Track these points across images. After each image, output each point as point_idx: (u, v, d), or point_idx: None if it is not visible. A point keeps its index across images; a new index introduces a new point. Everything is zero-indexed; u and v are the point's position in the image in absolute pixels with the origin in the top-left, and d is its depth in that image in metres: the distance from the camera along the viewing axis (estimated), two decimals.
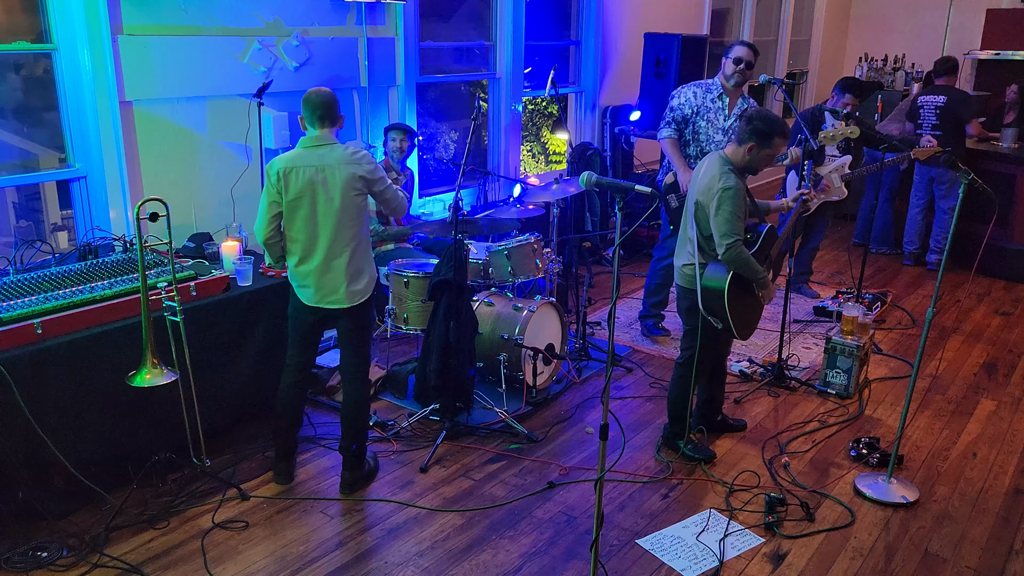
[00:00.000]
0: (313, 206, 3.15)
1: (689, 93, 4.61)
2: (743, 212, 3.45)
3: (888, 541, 3.23)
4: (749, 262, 3.44)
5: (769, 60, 9.86)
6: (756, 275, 3.51)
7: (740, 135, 3.49)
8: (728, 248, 3.38)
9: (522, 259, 4.39)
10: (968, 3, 9.66)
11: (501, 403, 4.09)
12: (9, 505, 2.98)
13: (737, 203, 3.39)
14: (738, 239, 3.40)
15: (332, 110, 3.18)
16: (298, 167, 3.13)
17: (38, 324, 2.99)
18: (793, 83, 6.00)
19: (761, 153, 3.46)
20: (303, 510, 3.33)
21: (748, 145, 3.45)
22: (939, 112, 6.34)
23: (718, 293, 3.46)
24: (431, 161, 6.55)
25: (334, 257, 3.22)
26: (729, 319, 3.46)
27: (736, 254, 3.39)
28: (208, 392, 3.44)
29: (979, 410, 4.35)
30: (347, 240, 3.22)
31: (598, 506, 2.55)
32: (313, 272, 3.23)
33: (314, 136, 3.18)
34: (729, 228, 3.38)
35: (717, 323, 3.50)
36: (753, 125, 3.45)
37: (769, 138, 3.44)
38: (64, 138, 3.89)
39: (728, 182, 3.39)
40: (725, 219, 3.38)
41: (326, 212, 3.16)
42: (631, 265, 6.60)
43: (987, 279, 6.54)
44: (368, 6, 4.82)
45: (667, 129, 4.61)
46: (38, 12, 3.71)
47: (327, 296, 3.26)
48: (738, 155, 3.49)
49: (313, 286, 3.26)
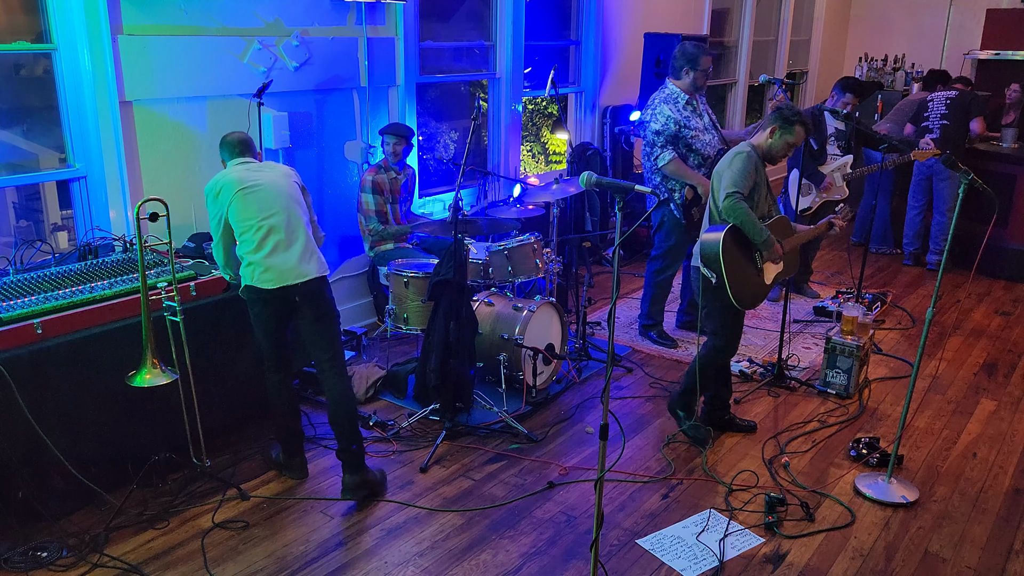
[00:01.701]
0: (258, 193, 3.25)
1: (666, 111, 4.57)
2: (751, 177, 3.56)
3: (888, 541, 3.23)
4: (748, 215, 3.51)
5: (769, 60, 9.86)
6: (757, 234, 3.56)
7: (766, 120, 3.68)
8: (728, 197, 3.49)
9: (522, 259, 4.39)
10: (968, 3, 9.66)
11: (501, 403, 4.09)
12: (9, 505, 2.98)
13: (747, 165, 3.53)
14: (739, 192, 3.49)
15: (249, 144, 3.42)
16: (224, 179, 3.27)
17: (38, 324, 2.99)
18: (793, 83, 6.01)
19: (781, 139, 3.63)
20: (303, 510, 3.33)
21: (771, 127, 3.62)
22: (948, 103, 6.35)
23: (714, 243, 3.52)
24: (431, 161, 6.55)
25: (293, 234, 3.28)
26: (723, 273, 3.49)
27: (734, 204, 3.49)
28: (208, 392, 3.43)
29: (979, 410, 4.35)
30: (302, 223, 3.33)
31: (598, 506, 2.55)
32: (276, 249, 3.24)
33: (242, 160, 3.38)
34: (731, 182, 3.52)
35: (712, 276, 3.54)
36: (779, 111, 3.65)
37: (791, 124, 3.62)
38: (64, 138, 3.89)
39: (744, 149, 3.61)
40: (731, 177, 3.52)
41: (273, 196, 3.26)
42: (631, 265, 6.60)
43: (987, 279, 6.54)
44: (368, 6, 4.82)
45: (666, 152, 4.55)
46: (38, 12, 3.70)
47: (292, 271, 3.25)
48: (761, 139, 3.68)
49: (276, 267, 3.24)
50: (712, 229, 3.60)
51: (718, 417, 4.00)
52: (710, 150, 4.65)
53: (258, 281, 3.27)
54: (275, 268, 3.25)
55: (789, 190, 5.59)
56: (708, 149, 4.64)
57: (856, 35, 10.89)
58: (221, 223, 3.28)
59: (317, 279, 3.32)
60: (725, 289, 3.53)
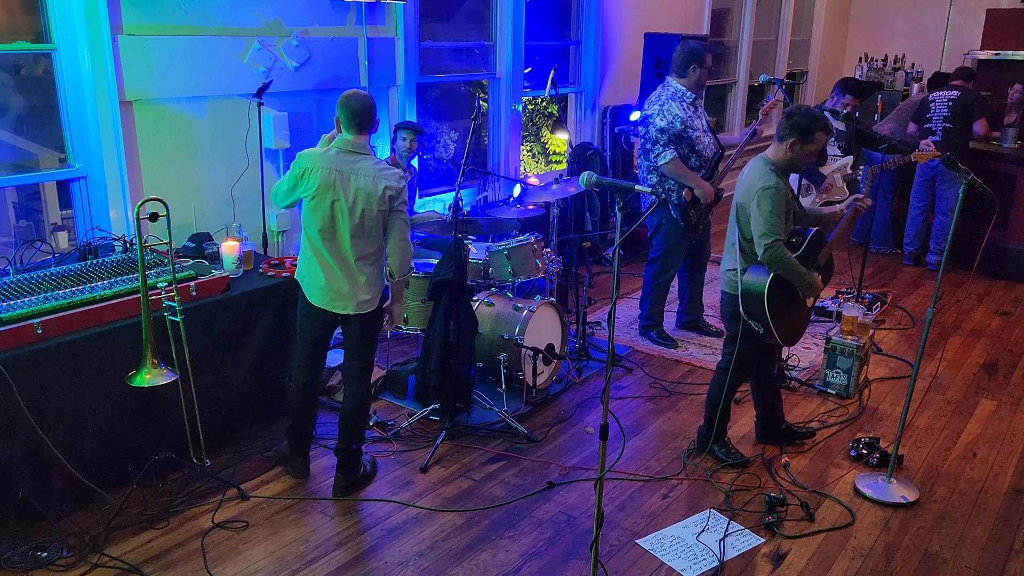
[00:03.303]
0: (332, 210, 3.12)
1: (674, 109, 4.51)
2: (783, 212, 3.32)
3: (888, 541, 3.23)
4: (791, 263, 3.32)
5: (769, 60, 9.86)
6: (799, 278, 3.38)
7: (780, 132, 3.39)
8: (767, 248, 3.27)
9: (522, 259, 4.39)
10: (968, 3, 9.66)
11: (501, 403, 4.09)
12: (9, 505, 2.98)
13: (777, 202, 3.28)
14: (778, 239, 3.28)
15: (369, 116, 3.16)
16: (322, 168, 3.10)
17: (38, 324, 2.99)
18: (793, 83, 6.01)
19: (803, 149, 3.37)
20: (303, 510, 3.33)
21: (789, 141, 3.35)
22: (951, 105, 6.35)
23: (758, 296, 3.34)
24: (431, 161, 6.55)
25: (346, 264, 3.19)
26: (770, 323, 3.34)
27: (776, 254, 3.28)
28: (208, 392, 3.43)
29: (979, 410, 4.35)
30: (361, 250, 3.19)
31: (598, 506, 2.55)
32: (323, 273, 3.20)
33: (348, 140, 3.14)
34: (768, 227, 3.27)
35: (758, 327, 3.38)
36: (793, 120, 3.35)
37: (810, 133, 3.34)
38: (64, 138, 3.89)
39: (768, 181, 3.30)
40: (764, 218, 3.28)
41: (342, 218, 3.12)
42: (631, 265, 6.59)
43: (987, 279, 6.54)
44: (368, 6, 4.82)
45: (668, 151, 4.49)
46: (38, 12, 3.71)
47: (334, 300, 3.23)
48: (779, 153, 3.41)
49: (322, 287, 3.21)
50: (753, 275, 3.38)
51: (774, 429, 3.88)
52: (708, 152, 4.65)
53: (307, 290, 3.25)
54: (321, 288, 3.21)
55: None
56: (707, 151, 4.65)
57: (856, 35, 10.90)
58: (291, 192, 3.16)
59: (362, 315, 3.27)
60: (773, 336, 3.40)
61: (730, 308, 3.52)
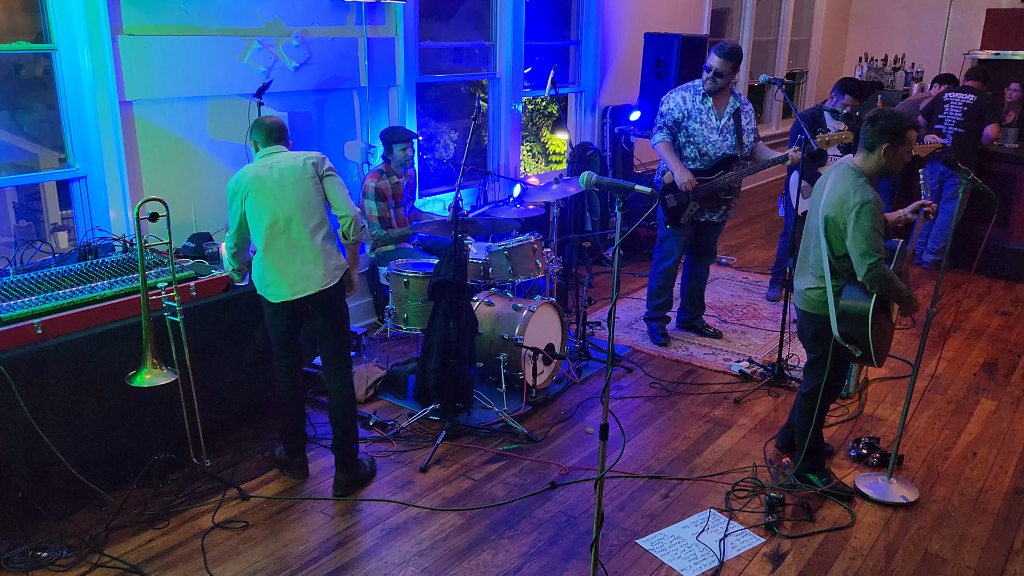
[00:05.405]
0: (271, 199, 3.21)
1: (677, 97, 4.71)
2: (882, 227, 3.14)
3: (888, 541, 3.23)
4: (894, 282, 3.14)
5: (769, 60, 9.86)
6: (901, 295, 3.20)
7: (867, 140, 3.20)
8: (871, 268, 3.09)
9: (522, 259, 4.39)
10: (968, 3, 9.66)
11: (501, 403, 4.09)
12: (9, 505, 2.98)
13: (876, 217, 3.11)
14: (881, 257, 3.10)
15: (283, 131, 3.35)
16: (247, 175, 3.23)
17: (38, 324, 2.99)
18: (793, 83, 6.00)
19: (898, 151, 3.19)
20: (303, 510, 3.33)
21: (882, 147, 3.16)
22: (965, 110, 6.34)
23: (861, 319, 3.16)
24: (431, 161, 6.55)
25: (299, 246, 3.25)
26: (871, 346, 3.17)
27: (881, 273, 3.10)
28: (208, 392, 3.43)
29: (979, 410, 4.35)
30: (308, 224, 3.26)
31: (598, 506, 2.55)
32: (277, 268, 3.24)
33: (266, 149, 3.31)
34: (869, 245, 3.09)
35: (855, 351, 3.22)
36: (880, 125, 3.17)
37: (901, 134, 3.16)
38: (64, 138, 3.89)
39: (866, 195, 3.11)
40: (865, 235, 3.10)
41: (281, 204, 3.22)
42: (631, 265, 6.60)
43: (987, 279, 6.54)
44: (368, 6, 4.82)
45: (660, 134, 4.70)
46: (38, 12, 3.70)
47: (295, 284, 3.25)
48: (870, 162, 3.22)
49: (280, 281, 3.25)
50: (853, 296, 3.19)
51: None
52: (714, 151, 4.64)
53: (265, 292, 3.30)
54: (281, 275, 3.25)
55: (790, 192, 5.59)
56: (712, 149, 4.64)
57: (856, 35, 10.90)
58: (237, 217, 3.29)
59: (326, 289, 3.30)
60: (870, 359, 3.24)
61: (812, 328, 3.36)
